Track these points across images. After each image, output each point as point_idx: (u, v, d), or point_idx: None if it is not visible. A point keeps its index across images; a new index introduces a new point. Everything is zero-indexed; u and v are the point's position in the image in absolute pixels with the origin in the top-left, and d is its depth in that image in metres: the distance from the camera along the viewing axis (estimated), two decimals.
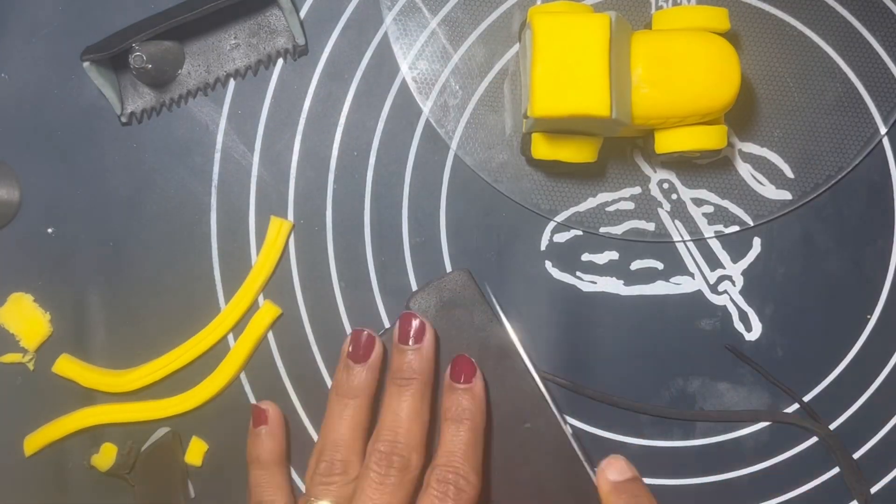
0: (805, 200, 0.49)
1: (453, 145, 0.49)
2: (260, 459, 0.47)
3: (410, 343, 0.46)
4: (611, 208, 0.50)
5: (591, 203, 0.50)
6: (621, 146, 0.49)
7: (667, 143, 0.46)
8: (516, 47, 0.50)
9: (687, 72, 0.44)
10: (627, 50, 0.44)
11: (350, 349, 0.46)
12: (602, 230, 0.49)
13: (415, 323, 0.46)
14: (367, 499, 0.43)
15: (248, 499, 0.47)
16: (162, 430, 0.49)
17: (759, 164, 0.50)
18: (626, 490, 0.45)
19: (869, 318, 0.49)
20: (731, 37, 0.48)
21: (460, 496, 0.43)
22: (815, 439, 0.49)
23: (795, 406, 0.49)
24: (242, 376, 0.50)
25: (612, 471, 0.46)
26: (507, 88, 0.50)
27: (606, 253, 0.50)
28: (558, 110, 0.42)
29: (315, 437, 0.50)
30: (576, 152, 0.46)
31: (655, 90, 0.44)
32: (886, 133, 0.49)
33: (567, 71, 0.42)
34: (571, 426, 0.49)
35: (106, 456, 0.49)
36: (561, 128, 0.45)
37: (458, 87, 0.50)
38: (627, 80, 0.44)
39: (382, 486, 0.43)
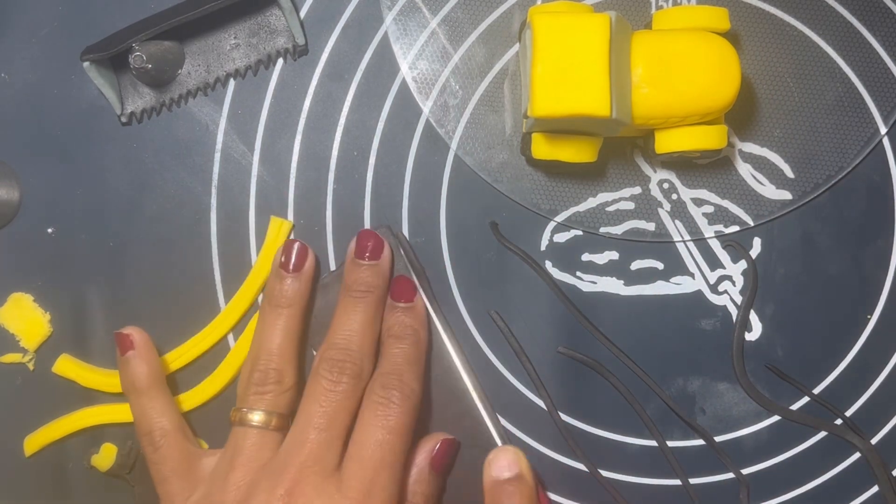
0: (805, 200, 0.49)
1: (453, 145, 0.49)
2: (136, 385, 0.46)
3: (367, 259, 0.46)
4: (611, 208, 0.50)
5: (591, 203, 0.50)
6: (621, 146, 0.49)
7: (667, 142, 0.46)
8: (516, 47, 0.50)
9: (687, 72, 0.44)
10: (627, 50, 0.44)
11: (282, 258, 0.47)
12: (602, 230, 0.49)
13: (373, 239, 0.46)
14: (317, 405, 0.43)
15: (137, 431, 0.46)
16: None
17: (759, 164, 0.50)
18: (505, 491, 0.44)
19: (869, 318, 0.49)
20: (730, 37, 0.48)
21: (405, 402, 0.43)
22: (814, 440, 0.49)
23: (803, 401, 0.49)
24: None
25: (497, 466, 0.45)
26: (507, 88, 0.50)
27: (606, 253, 0.50)
28: (558, 110, 0.42)
29: None
30: (576, 152, 0.46)
31: (655, 90, 0.44)
32: (886, 133, 0.49)
33: (567, 71, 0.42)
34: (571, 426, 0.49)
35: (106, 456, 0.49)
36: (561, 128, 0.45)
37: (458, 87, 0.50)
38: (627, 80, 0.44)
39: (333, 393, 0.43)
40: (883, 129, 0.49)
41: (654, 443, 0.49)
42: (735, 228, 0.49)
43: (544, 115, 0.42)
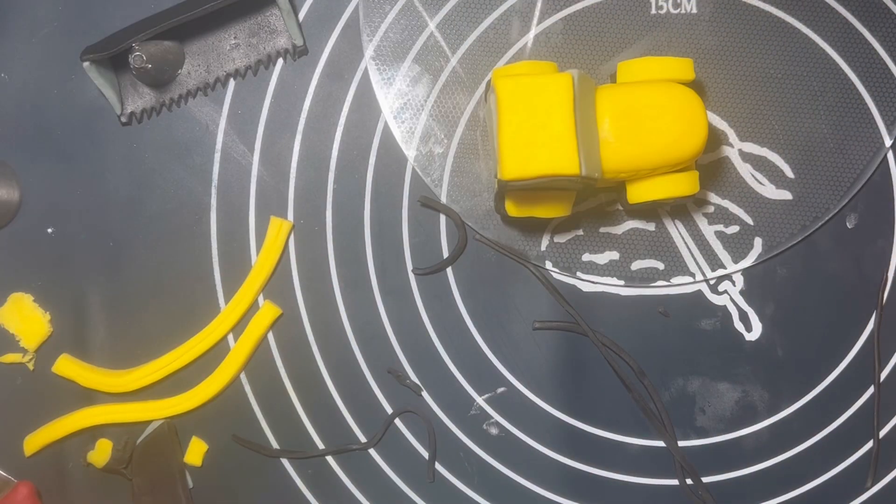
0: (805, 200, 0.49)
1: (443, 197, 0.49)
2: None
3: None
4: (611, 208, 0.50)
5: (591, 203, 0.50)
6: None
7: (639, 193, 0.46)
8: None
9: (654, 123, 0.44)
10: (593, 105, 0.44)
11: None
12: (602, 230, 0.49)
13: None
14: None
15: None
16: (157, 422, 0.49)
17: (759, 164, 0.50)
18: None
19: (869, 319, 0.49)
20: (696, 85, 0.47)
21: None
22: (814, 440, 0.49)
23: (797, 402, 0.49)
24: (242, 376, 0.50)
25: None
26: (481, 137, 0.49)
27: (606, 253, 0.50)
28: (528, 172, 0.42)
29: (315, 438, 0.50)
30: (550, 209, 0.47)
31: (623, 144, 0.44)
32: (886, 132, 0.49)
33: (534, 132, 0.42)
34: (571, 426, 0.49)
35: (101, 452, 0.49)
36: (533, 186, 0.45)
37: (442, 136, 0.49)
38: (595, 136, 0.44)
39: None
40: (883, 129, 0.49)
41: (654, 443, 0.49)
42: (735, 228, 0.49)
43: (514, 178, 0.42)
